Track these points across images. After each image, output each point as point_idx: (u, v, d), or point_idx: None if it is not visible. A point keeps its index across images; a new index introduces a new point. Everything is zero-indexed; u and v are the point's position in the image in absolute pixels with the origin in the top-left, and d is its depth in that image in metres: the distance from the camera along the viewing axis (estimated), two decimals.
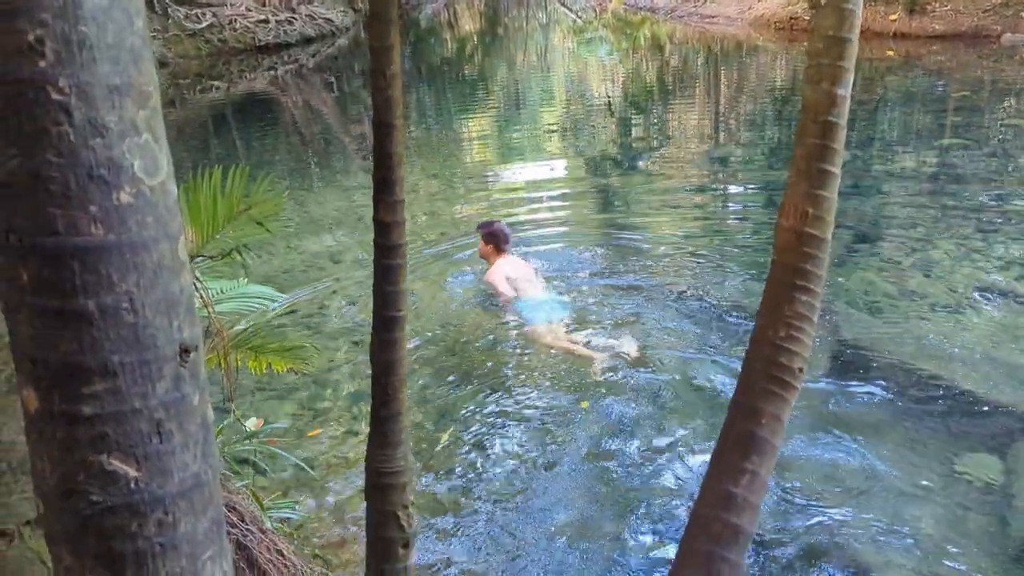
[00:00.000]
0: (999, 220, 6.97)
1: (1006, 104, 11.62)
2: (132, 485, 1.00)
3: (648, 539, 3.51)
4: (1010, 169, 8.55)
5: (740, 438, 1.90)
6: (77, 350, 0.95)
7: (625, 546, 3.46)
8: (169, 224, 1.00)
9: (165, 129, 1.02)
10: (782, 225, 1.85)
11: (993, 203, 7.46)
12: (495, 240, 5.93)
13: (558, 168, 10.14)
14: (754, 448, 1.88)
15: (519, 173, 9.96)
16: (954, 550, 3.35)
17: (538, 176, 9.73)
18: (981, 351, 4.78)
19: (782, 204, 1.87)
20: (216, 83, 17.08)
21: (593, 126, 12.56)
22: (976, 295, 5.58)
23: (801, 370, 1.87)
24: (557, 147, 11.38)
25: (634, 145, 11.17)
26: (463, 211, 8.36)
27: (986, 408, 4.23)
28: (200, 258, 2.99)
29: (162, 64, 17.29)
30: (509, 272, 5.82)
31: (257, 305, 3.48)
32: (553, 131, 12.48)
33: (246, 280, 3.68)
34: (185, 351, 1.02)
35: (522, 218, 7.75)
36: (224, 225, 2.91)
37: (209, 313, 3.01)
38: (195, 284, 3.03)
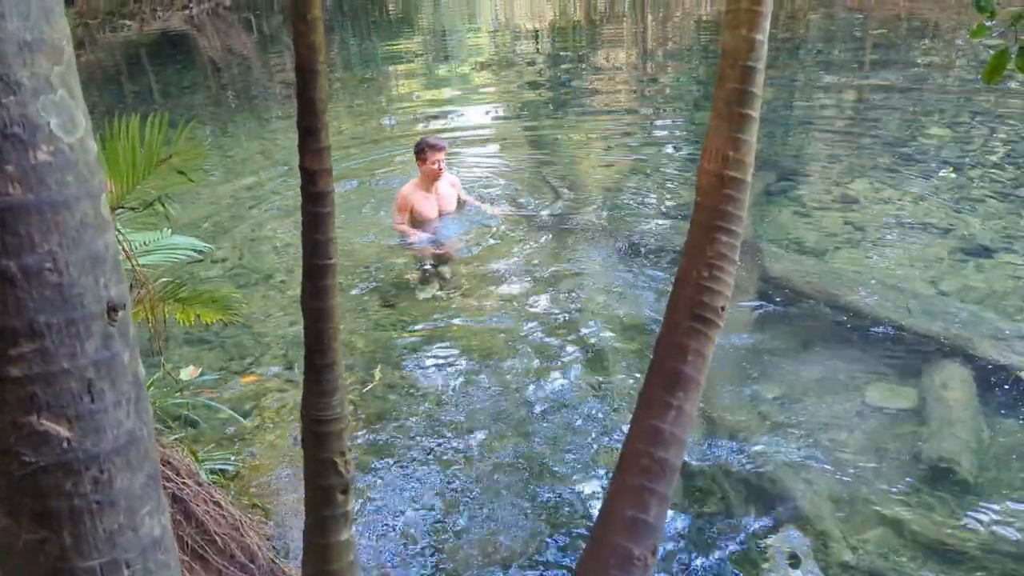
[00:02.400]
0: (914, 155, 7.21)
1: (922, 42, 11.91)
2: (65, 444, 1.00)
3: (580, 475, 3.62)
4: (924, 106, 8.82)
5: (666, 375, 1.97)
6: (1, 311, 0.94)
7: (557, 482, 3.56)
8: (90, 181, 0.99)
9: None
10: (704, 168, 1.91)
11: (907, 139, 7.70)
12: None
13: (485, 107, 10.07)
14: (679, 384, 1.96)
15: (445, 113, 9.86)
16: (870, 475, 3.54)
17: (465, 115, 9.66)
18: (896, 282, 4.99)
19: (704, 147, 1.92)
20: (127, 22, 16.34)
21: (520, 64, 12.47)
22: (892, 228, 5.80)
23: (723, 308, 1.95)
24: (484, 86, 11.28)
25: (561, 83, 11.13)
26: (389, 152, 8.26)
27: (900, 337, 4.43)
28: (121, 209, 2.91)
29: (68, 2, 16.42)
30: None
31: (182, 256, 3.41)
32: (480, 70, 12.35)
33: (170, 231, 3.61)
34: (113, 309, 1.02)
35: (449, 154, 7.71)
36: (145, 175, 2.83)
37: (133, 266, 2.95)
38: (117, 237, 2.96)
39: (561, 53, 13.21)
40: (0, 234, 0.92)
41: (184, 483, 2.67)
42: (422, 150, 6.00)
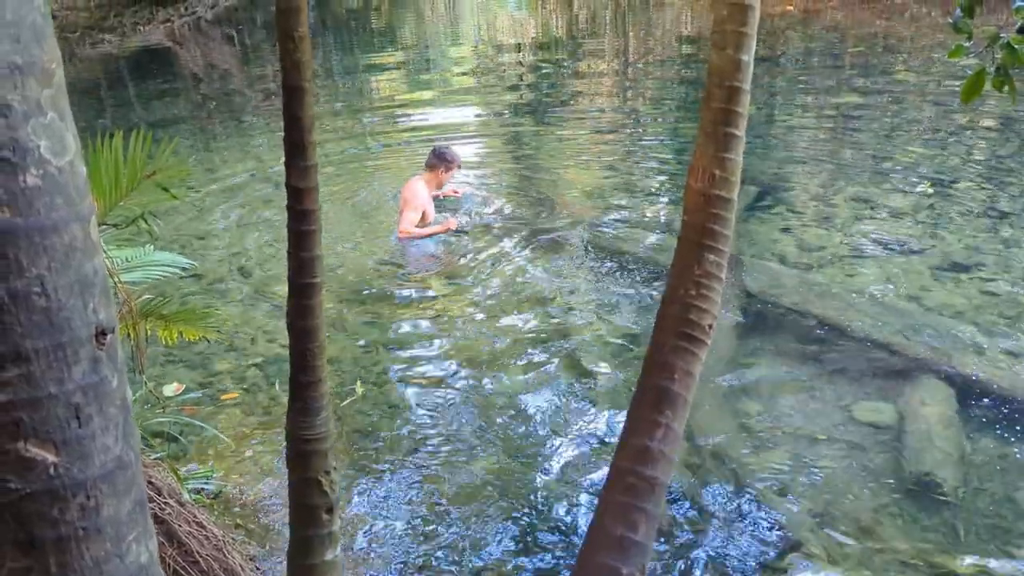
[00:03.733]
0: (892, 172, 7.29)
1: (899, 60, 12.07)
2: (51, 470, 0.99)
3: (566, 493, 3.61)
4: (902, 123, 8.93)
5: (653, 393, 1.98)
6: None
7: (542, 499, 3.55)
8: (79, 205, 0.98)
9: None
10: (691, 186, 1.92)
11: (887, 155, 7.79)
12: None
13: (468, 122, 10.07)
14: (667, 402, 1.96)
15: (429, 126, 9.86)
16: (851, 489, 3.56)
17: (448, 130, 9.66)
18: (875, 299, 5.03)
19: (691, 166, 1.93)
20: (108, 36, 16.24)
21: (502, 79, 12.51)
22: (871, 244, 5.85)
23: (710, 326, 1.95)
24: (467, 101, 11.29)
25: (544, 98, 11.17)
26: (374, 165, 8.25)
27: (880, 353, 4.47)
28: (104, 226, 2.89)
29: None
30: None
31: (165, 273, 3.39)
32: (462, 85, 12.38)
33: (152, 247, 3.58)
34: (102, 333, 1.01)
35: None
36: (128, 192, 2.81)
37: (115, 283, 2.92)
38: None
39: (543, 68, 13.27)
40: None
41: (166, 503, 2.63)
42: (450, 161, 6.22)
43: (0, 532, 1.00)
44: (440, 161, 6.20)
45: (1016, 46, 2.56)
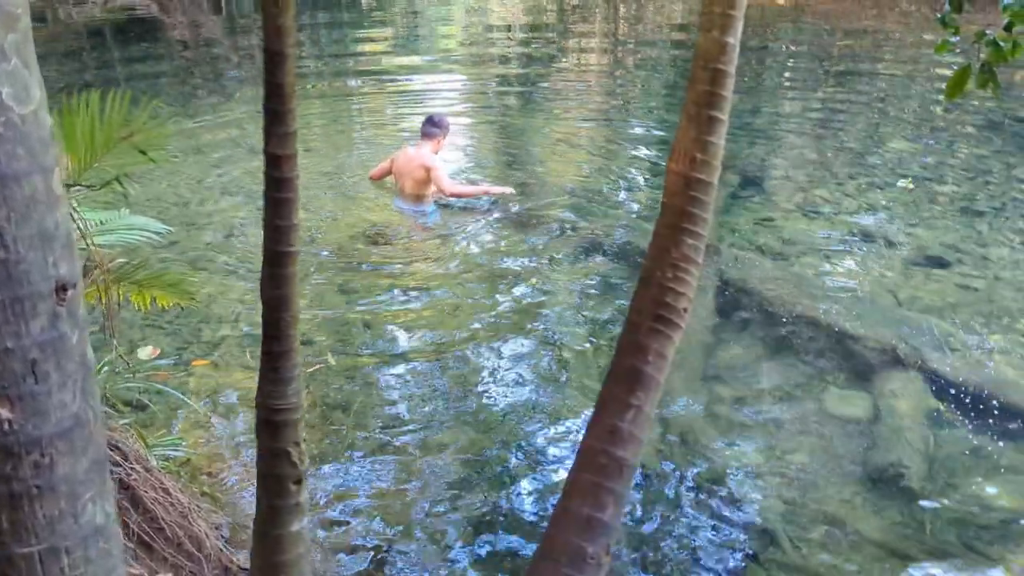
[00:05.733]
0: (874, 166, 7.33)
1: (886, 55, 12.10)
2: (5, 426, 0.97)
3: (536, 470, 3.62)
4: (886, 118, 8.96)
5: (626, 374, 1.97)
6: None
7: (512, 476, 3.56)
8: (42, 156, 0.96)
9: (36, 51, 0.96)
10: (671, 169, 1.91)
11: (870, 149, 7.82)
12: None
13: (454, 103, 10.00)
14: (640, 384, 1.95)
15: (416, 107, 9.78)
16: (820, 479, 3.60)
17: (432, 109, 9.58)
18: (851, 292, 5.07)
19: (672, 148, 1.92)
20: None
21: (490, 60, 12.42)
22: (850, 237, 5.89)
23: (685, 310, 1.95)
24: (455, 81, 11.21)
25: (532, 81, 11.11)
26: (359, 147, 8.19)
27: (854, 345, 4.50)
28: (77, 187, 2.84)
29: None
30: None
31: (140, 237, 3.34)
32: (451, 64, 12.28)
33: (128, 211, 3.53)
34: (62, 288, 0.99)
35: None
36: (103, 153, 2.76)
37: (88, 245, 2.88)
38: (72, 215, 2.88)
39: (532, 50, 13.18)
40: None
41: (132, 468, 2.61)
42: (448, 126, 6.29)
43: None
44: (439, 128, 6.20)
45: (1001, 43, 2.57)
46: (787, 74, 11.06)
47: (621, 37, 14.54)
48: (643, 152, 7.95)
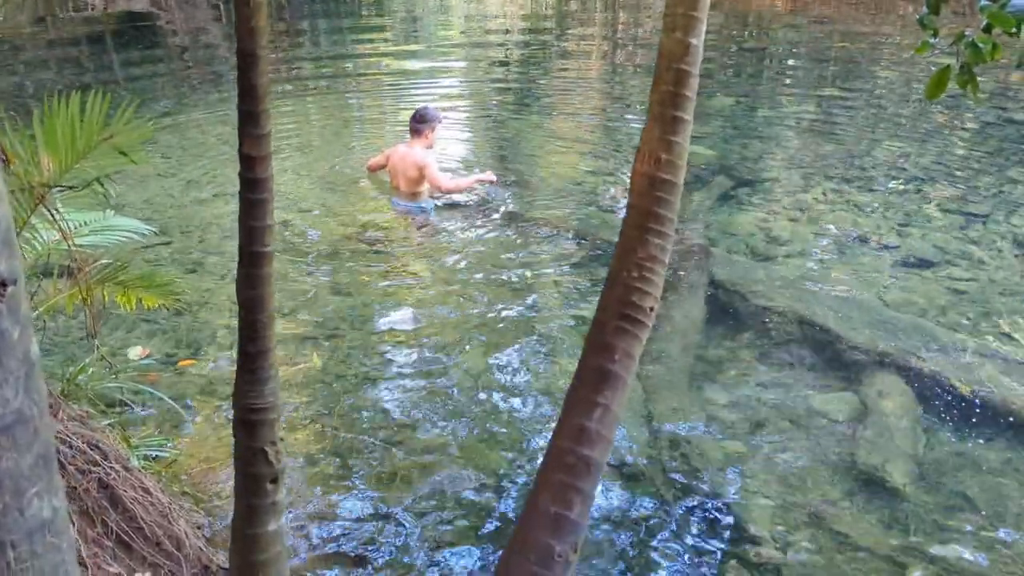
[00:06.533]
0: (867, 168, 7.33)
1: (882, 56, 12.10)
2: None
3: (514, 469, 3.62)
4: (880, 120, 8.97)
5: (594, 374, 1.99)
6: None
7: (490, 475, 3.56)
8: None
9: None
10: (637, 170, 1.92)
11: (864, 152, 7.82)
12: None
13: (450, 100, 10.01)
14: (606, 384, 1.97)
15: (415, 107, 9.78)
16: (806, 479, 3.61)
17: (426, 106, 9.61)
18: (841, 293, 5.07)
19: (638, 150, 1.93)
20: (91, 1, 15.99)
21: (486, 59, 12.43)
22: (841, 238, 5.89)
23: (652, 309, 1.96)
24: (452, 81, 11.24)
25: (529, 81, 11.13)
26: (358, 147, 8.21)
27: (843, 346, 4.50)
28: (59, 188, 2.86)
29: None
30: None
31: (124, 238, 3.36)
32: (445, 64, 12.31)
33: (113, 212, 3.55)
34: (2, 284, 0.99)
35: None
36: (83, 154, 2.78)
37: (69, 246, 2.90)
38: (53, 215, 2.90)
39: (529, 51, 13.21)
40: None
41: (112, 468, 2.62)
42: (436, 119, 6.30)
43: None
44: (428, 122, 6.21)
45: (980, 44, 2.58)
46: (782, 76, 11.06)
47: (618, 38, 14.55)
48: (633, 153, 7.93)
